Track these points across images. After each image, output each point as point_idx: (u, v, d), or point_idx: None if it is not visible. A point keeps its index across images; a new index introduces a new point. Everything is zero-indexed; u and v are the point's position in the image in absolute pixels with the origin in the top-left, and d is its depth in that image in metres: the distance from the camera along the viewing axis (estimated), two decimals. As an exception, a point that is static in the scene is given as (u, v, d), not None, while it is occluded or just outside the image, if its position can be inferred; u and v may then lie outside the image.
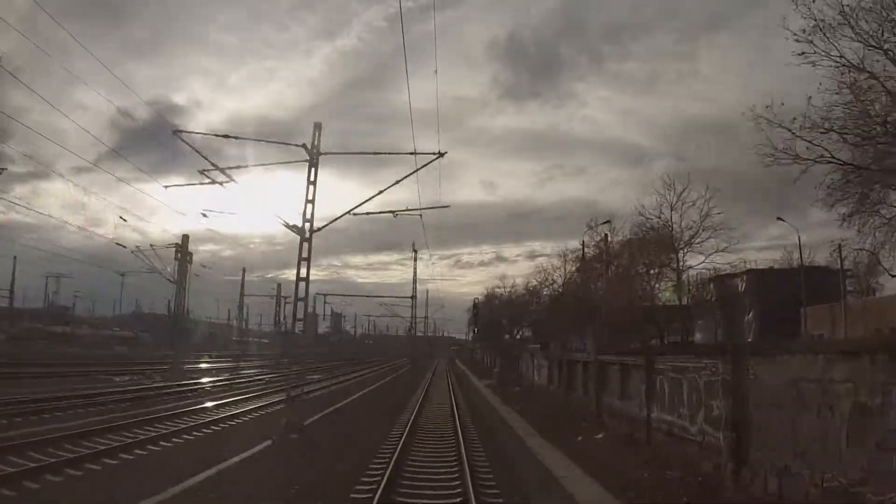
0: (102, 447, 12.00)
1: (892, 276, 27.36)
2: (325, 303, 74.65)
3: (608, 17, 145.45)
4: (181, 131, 17.17)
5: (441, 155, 17.06)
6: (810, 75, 14.85)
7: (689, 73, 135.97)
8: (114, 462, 11.06)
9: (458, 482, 10.38)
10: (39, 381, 25.37)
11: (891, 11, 14.00)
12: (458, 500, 9.31)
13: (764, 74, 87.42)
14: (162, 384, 27.66)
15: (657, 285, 33.68)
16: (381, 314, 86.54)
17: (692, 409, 11.47)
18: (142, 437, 13.51)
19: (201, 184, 16.99)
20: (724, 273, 36.07)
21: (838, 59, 14.58)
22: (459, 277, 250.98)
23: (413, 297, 55.35)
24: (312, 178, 17.13)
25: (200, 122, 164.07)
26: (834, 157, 15.54)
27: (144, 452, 12.19)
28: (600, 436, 15.37)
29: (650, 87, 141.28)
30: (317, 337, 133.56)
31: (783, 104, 15.86)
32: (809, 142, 15.54)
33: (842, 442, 7.04)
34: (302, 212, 17.01)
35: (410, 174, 17.62)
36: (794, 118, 15.40)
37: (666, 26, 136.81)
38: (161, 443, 13.22)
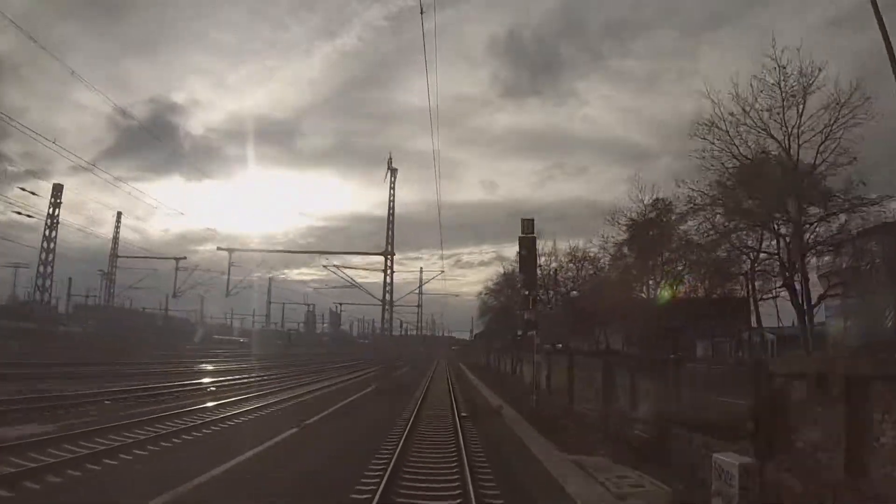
0: None
1: None
2: (230, 264, 51.42)
3: (608, 15, 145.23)
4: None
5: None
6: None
7: (690, 72, 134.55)
8: None
9: None
10: None
11: None
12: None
13: (765, 72, 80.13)
14: None
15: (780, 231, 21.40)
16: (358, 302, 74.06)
17: None
18: None
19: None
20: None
21: None
22: (460, 277, 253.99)
23: (388, 254, 32.62)
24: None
25: (199, 121, 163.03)
26: None
27: None
28: None
29: (651, 86, 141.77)
30: (313, 337, 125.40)
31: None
32: None
33: None
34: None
35: None
36: None
37: (667, 24, 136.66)
38: None
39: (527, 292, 23.17)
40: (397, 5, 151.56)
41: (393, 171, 31.87)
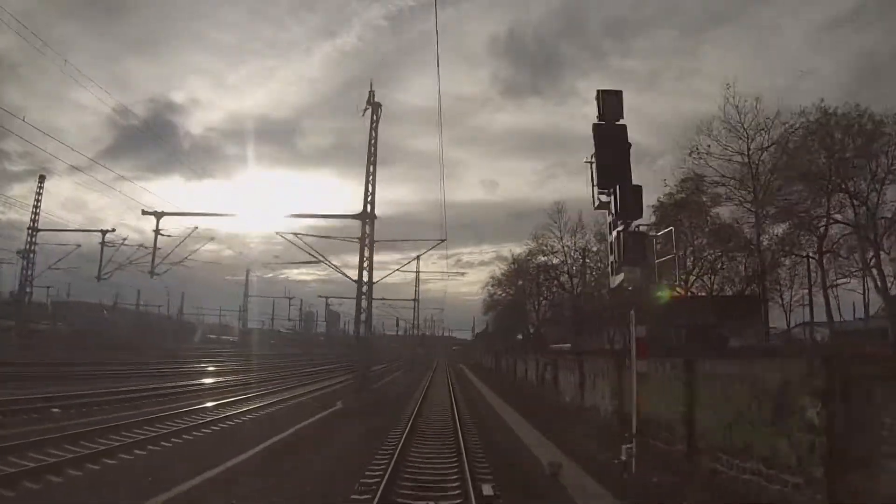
0: None
1: None
2: (156, 233, 39.26)
3: (609, 13, 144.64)
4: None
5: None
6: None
7: (690, 71, 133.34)
8: None
9: None
10: None
11: None
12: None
13: (766, 72, 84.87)
14: None
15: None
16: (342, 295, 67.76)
17: None
18: None
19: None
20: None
21: None
22: (460, 277, 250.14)
23: (367, 218, 23.79)
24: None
25: (199, 121, 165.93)
26: None
27: None
28: None
29: (651, 85, 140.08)
30: (311, 336, 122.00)
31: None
32: None
33: None
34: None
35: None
36: None
37: (667, 23, 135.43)
38: None
39: (622, 225, 10.16)
40: (397, 5, 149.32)
41: (375, 108, 24.82)
